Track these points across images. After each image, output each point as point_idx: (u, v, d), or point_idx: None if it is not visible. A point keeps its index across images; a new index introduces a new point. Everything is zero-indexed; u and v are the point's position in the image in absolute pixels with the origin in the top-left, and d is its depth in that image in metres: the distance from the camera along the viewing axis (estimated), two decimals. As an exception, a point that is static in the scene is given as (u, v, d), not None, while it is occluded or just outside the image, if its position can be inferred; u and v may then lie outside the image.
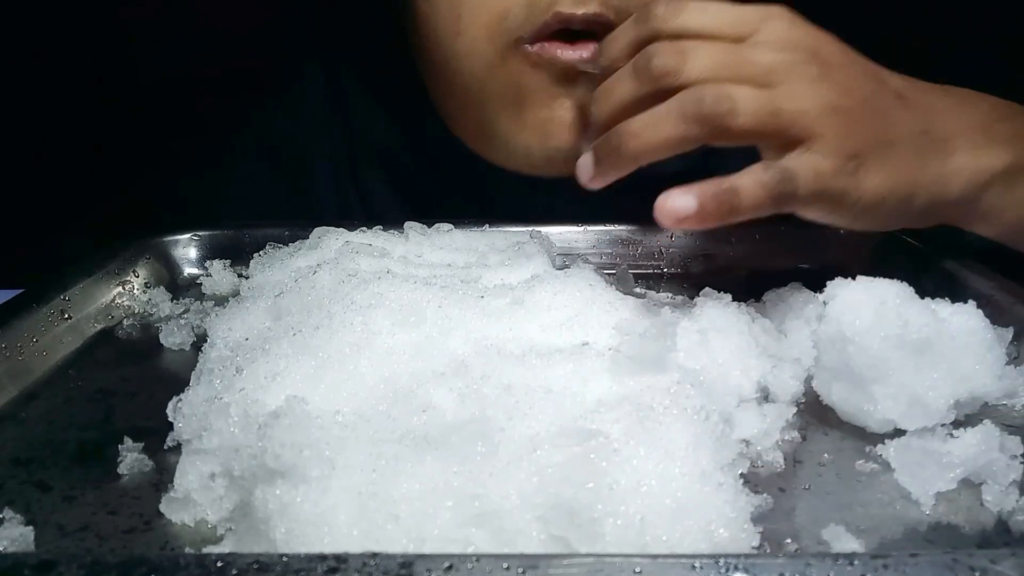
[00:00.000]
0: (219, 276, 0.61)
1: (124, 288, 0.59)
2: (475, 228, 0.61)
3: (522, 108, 0.59)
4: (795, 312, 0.47)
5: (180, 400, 0.41)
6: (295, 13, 0.77)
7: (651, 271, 0.63)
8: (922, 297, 0.41)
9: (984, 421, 0.37)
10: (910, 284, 0.42)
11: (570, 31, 0.56)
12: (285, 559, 0.26)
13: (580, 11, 0.55)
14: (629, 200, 0.68)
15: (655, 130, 0.45)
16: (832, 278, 0.45)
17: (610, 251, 0.64)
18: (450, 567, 0.26)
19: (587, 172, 0.49)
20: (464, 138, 0.67)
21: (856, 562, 0.26)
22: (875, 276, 0.42)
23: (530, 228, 0.61)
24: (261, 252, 0.57)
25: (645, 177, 0.69)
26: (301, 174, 0.76)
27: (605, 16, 0.55)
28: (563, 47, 0.56)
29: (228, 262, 0.62)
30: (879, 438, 0.39)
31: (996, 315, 0.43)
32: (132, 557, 0.27)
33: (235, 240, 0.64)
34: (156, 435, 0.40)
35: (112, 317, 0.56)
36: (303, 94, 0.76)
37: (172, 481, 0.35)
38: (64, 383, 0.48)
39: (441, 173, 0.72)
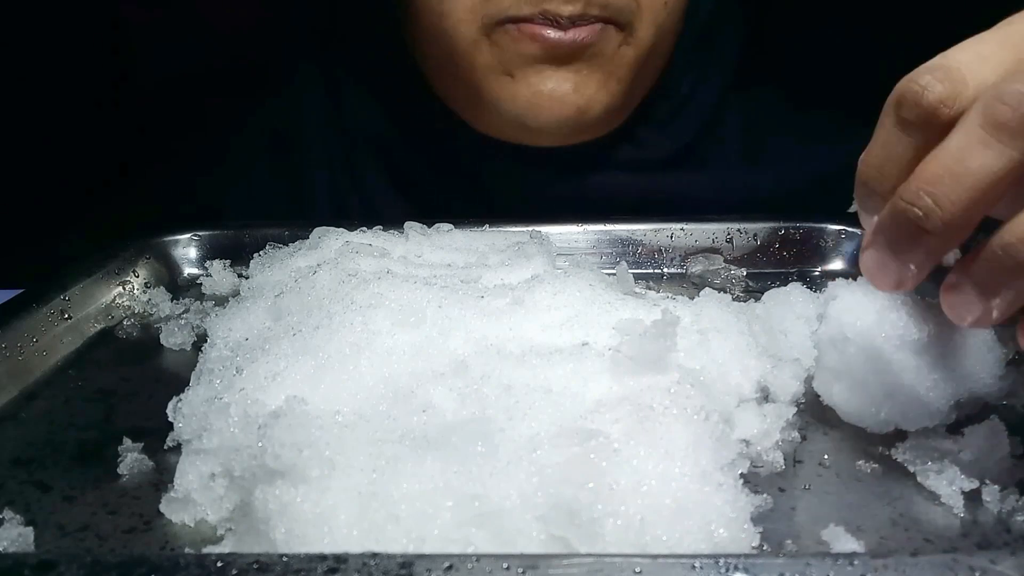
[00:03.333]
0: (219, 276, 0.61)
1: (124, 288, 0.59)
2: (475, 228, 0.61)
3: (511, 78, 0.61)
4: (795, 312, 0.47)
5: (180, 400, 0.41)
6: (292, 11, 0.77)
7: (651, 271, 0.63)
8: (922, 297, 0.41)
9: (992, 416, 0.37)
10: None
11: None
12: (285, 559, 0.26)
13: (567, 11, 0.57)
14: (625, 178, 0.68)
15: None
16: (833, 278, 0.45)
17: (610, 251, 0.63)
18: (450, 567, 0.26)
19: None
20: (458, 109, 0.68)
21: (856, 562, 0.26)
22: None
23: (530, 228, 0.61)
24: (261, 252, 0.57)
25: (638, 158, 0.69)
26: (299, 171, 0.76)
27: (590, 15, 0.57)
28: (549, 28, 0.58)
29: (228, 262, 0.62)
30: (879, 438, 0.39)
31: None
32: (132, 557, 0.27)
33: (235, 240, 0.64)
34: (156, 435, 0.40)
35: (112, 317, 0.56)
36: (300, 91, 0.76)
37: (172, 481, 0.35)
38: (64, 383, 0.48)
39: (437, 167, 0.72)
